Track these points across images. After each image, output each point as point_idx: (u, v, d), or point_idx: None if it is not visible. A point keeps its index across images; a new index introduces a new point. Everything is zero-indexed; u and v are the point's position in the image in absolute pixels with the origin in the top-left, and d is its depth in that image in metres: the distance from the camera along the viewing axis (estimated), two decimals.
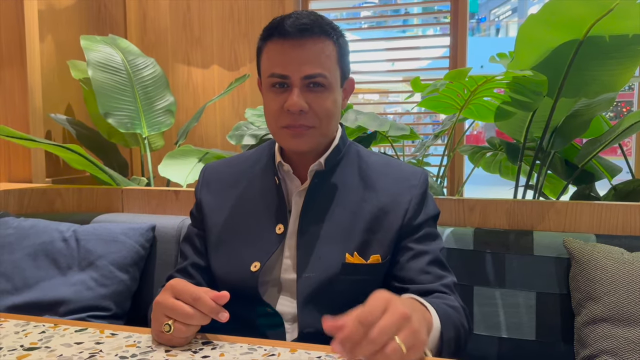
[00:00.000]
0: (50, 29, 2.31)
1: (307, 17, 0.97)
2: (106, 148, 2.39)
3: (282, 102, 0.98)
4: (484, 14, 33.93)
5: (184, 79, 2.76)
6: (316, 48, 0.97)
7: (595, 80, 1.61)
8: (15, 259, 1.40)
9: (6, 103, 2.04)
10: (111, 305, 1.37)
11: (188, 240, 1.13)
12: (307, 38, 0.96)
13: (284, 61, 0.96)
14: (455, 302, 0.96)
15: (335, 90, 1.01)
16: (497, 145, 2.24)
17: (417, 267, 1.00)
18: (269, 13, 2.62)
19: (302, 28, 0.95)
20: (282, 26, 0.96)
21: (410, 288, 0.99)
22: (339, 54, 1.01)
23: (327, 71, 0.97)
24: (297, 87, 0.96)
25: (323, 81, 0.97)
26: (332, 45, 0.99)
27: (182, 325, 0.82)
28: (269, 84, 1.00)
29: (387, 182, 1.06)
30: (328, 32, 0.98)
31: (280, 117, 0.99)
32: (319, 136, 1.01)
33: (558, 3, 1.47)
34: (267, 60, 0.99)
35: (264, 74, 1.01)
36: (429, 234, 1.04)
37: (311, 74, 0.96)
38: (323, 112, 0.99)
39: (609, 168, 1.99)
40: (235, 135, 2.08)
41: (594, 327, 1.13)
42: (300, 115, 0.97)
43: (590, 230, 1.33)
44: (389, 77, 4.22)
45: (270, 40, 0.99)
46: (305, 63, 0.96)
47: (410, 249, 1.02)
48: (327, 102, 0.99)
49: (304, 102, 0.96)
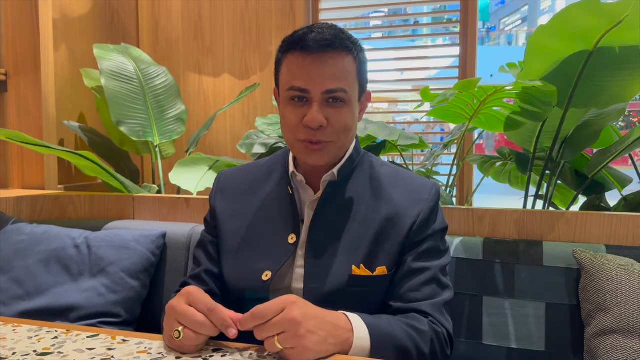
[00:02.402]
0: (65, 38, 2.35)
1: (329, 32, 0.97)
2: (118, 155, 2.41)
3: (301, 116, 0.97)
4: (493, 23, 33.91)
5: (195, 88, 2.78)
6: (337, 64, 0.97)
7: (605, 90, 1.61)
8: (28, 264, 1.42)
9: (20, 110, 2.07)
10: (121, 312, 1.39)
11: (202, 247, 1.14)
12: (329, 53, 0.96)
13: (305, 75, 0.96)
14: (424, 325, 0.95)
15: (354, 105, 1.01)
16: (507, 155, 2.23)
17: (411, 285, 1.00)
18: (279, 23, 2.64)
19: (325, 44, 0.95)
20: (305, 40, 0.96)
21: (393, 306, 1.00)
22: (358, 69, 1.01)
23: (347, 86, 0.98)
24: (317, 102, 0.96)
25: (343, 96, 0.97)
26: (352, 60, 0.99)
27: (192, 333, 0.83)
28: (288, 97, 0.99)
29: (398, 194, 1.05)
30: (349, 47, 0.98)
31: (298, 130, 0.99)
32: (335, 150, 1.01)
33: (568, 14, 1.47)
34: (287, 73, 0.99)
35: (283, 87, 1.00)
36: (432, 248, 1.04)
37: (332, 89, 0.96)
38: (341, 128, 0.99)
39: (619, 178, 1.98)
40: (245, 143, 2.09)
41: (604, 339, 1.12)
42: (319, 130, 0.97)
43: (601, 241, 1.32)
44: (399, 86, 4.23)
45: (291, 53, 0.98)
46: (326, 78, 0.96)
47: (408, 265, 1.02)
48: (346, 117, 0.99)
49: (323, 117, 0.96)
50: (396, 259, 1.02)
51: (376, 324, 0.91)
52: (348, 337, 0.85)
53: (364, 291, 1.00)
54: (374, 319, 0.92)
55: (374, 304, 1.02)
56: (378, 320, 0.92)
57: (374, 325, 0.90)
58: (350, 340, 0.85)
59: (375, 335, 0.88)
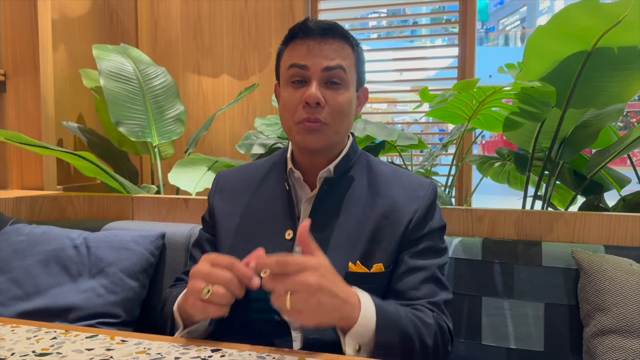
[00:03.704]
0: (63, 39, 2.35)
1: (327, 22, 1.03)
2: (117, 156, 2.41)
3: (300, 95, 1.00)
4: (492, 24, 33.95)
5: (194, 88, 2.78)
6: (337, 46, 1.01)
7: (604, 91, 1.61)
8: (27, 265, 1.41)
9: (19, 111, 2.07)
10: (121, 313, 1.38)
11: (198, 245, 1.15)
12: (329, 37, 1.01)
13: (305, 53, 1.00)
14: (430, 318, 0.96)
15: (351, 89, 1.03)
16: (506, 156, 2.24)
17: (410, 283, 1.01)
18: (279, 24, 2.64)
19: (325, 27, 1.00)
20: (306, 25, 1.01)
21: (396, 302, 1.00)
22: (356, 58, 1.05)
23: (346, 67, 1.01)
24: (316, 79, 0.99)
25: (341, 75, 1.00)
26: (350, 49, 1.04)
27: (221, 289, 0.84)
28: (288, 78, 1.02)
29: (395, 191, 1.06)
30: (348, 37, 1.04)
31: (297, 111, 1.01)
32: (331, 134, 1.03)
33: (567, 14, 1.47)
34: (288, 56, 1.03)
35: (284, 68, 1.04)
36: (430, 247, 1.04)
37: (331, 65, 0.99)
38: (337, 108, 1.01)
39: (618, 179, 1.98)
40: (244, 144, 2.09)
41: (602, 339, 1.12)
42: (317, 108, 0.99)
43: (599, 241, 1.32)
44: (397, 86, 4.23)
45: (292, 41, 1.03)
46: (326, 56, 1.00)
47: (407, 263, 1.02)
48: (343, 98, 1.01)
49: (321, 95, 0.99)
50: (394, 257, 1.02)
51: (384, 307, 0.91)
52: (354, 315, 0.86)
53: (361, 288, 1.00)
54: (384, 302, 0.92)
55: None
56: (387, 305, 0.92)
57: (381, 308, 0.90)
58: (355, 318, 0.86)
59: (381, 317, 0.89)
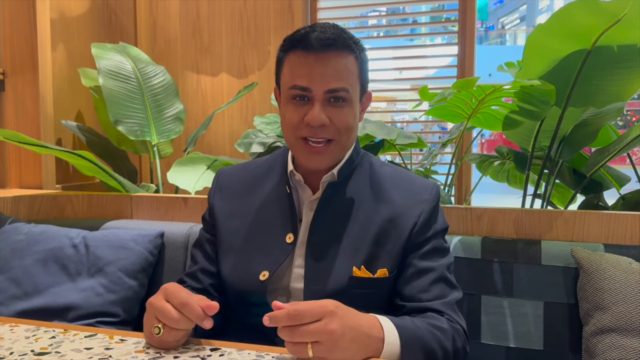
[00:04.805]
0: (62, 37, 2.34)
1: (331, 31, 0.97)
2: (116, 155, 2.41)
3: (302, 114, 0.97)
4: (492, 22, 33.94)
5: (193, 87, 2.78)
6: (339, 63, 0.97)
7: (604, 89, 1.61)
8: (26, 264, 1.41)
9: (18, 110, 2.07)
10: (120, 312, 1.38)
11: (199, 245, 1.14)
12: (331, 52, 0.96)
13: (307, 74, 0.96)
14: (444, 323, 0.95)
15: (355, 104, 1.01)
16: (505, 154, 2.23)
17: (419, 286, 1.00)
18: (278, 23, 2.64)
19: (327, 42, 0.95)
20: (307, 39, 0.96)
21: (407, 306, 1.00)
22: (359, 69, 1.01)
23: (349, 86, 0.98)
24: (319, 101, 0.96)
25: (345, 95, 0.97)
26: (354, 60, 0.99)
27: (170, 329, 0.83)
28: (289, 96, 0.99)
29: (398, 195, 1.05)
30: (351, 47, 0.98)
31: (299, 128, 0.98)
32: (337, 151, 1.01)
33: (566, 13, 1.47)
34: (289, 72, 0.99)
35: (285, 86, 1.00)
36: (436, 248, 1.03)
37: (334, 88, 0.96)
38: (343, 127, 0.99)
39: (617, 177, 1.98)
40: (243, 143, 2.09)
41: (602, 337, 1.12)
42: (320, 128, 0.97)
43: (599, 240, 1.32)
44: (397, 85, 4.23)
45: (293, 52, 0.98)
46: (329, 77, 0.96)
47: (414, 266, 1.01)
48: (348, 116, 0.99)
49: (325, 116, 0.96)
50: (398, 261, 1.02)
51: (405, 327, 0.90)
52: (379, 346, 0.85)
53: (365, 293, 1.00)
54: (402, 321, 0.91)
55: (375, 306, 1.02)
56: (406, 323, 0.91)
57: (403, 328, 0.89)
58: (380, 350, 0.85)
59: (404, 338, 0.88)
